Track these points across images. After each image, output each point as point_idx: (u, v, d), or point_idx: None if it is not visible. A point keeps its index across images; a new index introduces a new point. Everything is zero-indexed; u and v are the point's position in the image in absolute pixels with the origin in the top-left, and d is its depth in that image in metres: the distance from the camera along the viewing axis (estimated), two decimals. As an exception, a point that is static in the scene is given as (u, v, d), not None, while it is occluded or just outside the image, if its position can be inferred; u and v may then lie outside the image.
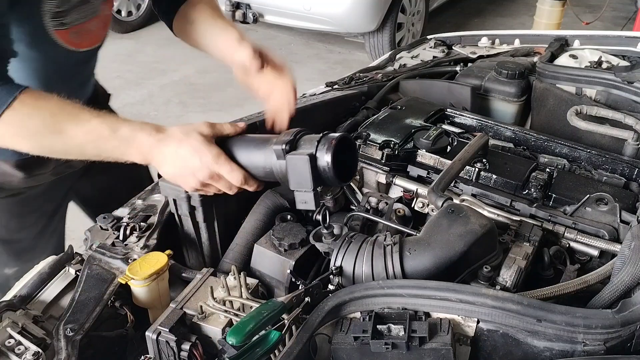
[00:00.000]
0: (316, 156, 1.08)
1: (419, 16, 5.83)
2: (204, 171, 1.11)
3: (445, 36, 2.56)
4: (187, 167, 1.11)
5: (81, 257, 1.29)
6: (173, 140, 1.12)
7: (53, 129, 1.11)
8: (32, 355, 1.05)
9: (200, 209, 1.29)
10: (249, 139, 1.18)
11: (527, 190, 1.38)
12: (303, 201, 1.11)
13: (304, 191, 1.10)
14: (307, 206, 1.11)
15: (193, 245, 1.37)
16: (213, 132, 1.14)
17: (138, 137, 1.11)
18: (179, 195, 1.28)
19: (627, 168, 1.50)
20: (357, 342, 1.00)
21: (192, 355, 1.04)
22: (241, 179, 1.13)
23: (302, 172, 1.08)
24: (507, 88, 1.98)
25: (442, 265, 1.07)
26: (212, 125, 1.15)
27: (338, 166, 1.08)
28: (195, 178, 1.12)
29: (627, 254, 1.02)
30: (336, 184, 1.13)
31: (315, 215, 1.43)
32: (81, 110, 1.12)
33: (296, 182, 1.10)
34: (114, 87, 5.90)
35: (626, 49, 2.21)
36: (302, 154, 1.08)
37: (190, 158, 1.10)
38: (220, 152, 1.12)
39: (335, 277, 1.12)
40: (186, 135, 1.11)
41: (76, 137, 1.11)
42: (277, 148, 1.09)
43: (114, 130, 1.11)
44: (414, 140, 1.51)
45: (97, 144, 1.12)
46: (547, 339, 0.96)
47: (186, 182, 1.15)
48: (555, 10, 5.14)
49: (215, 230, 1.35)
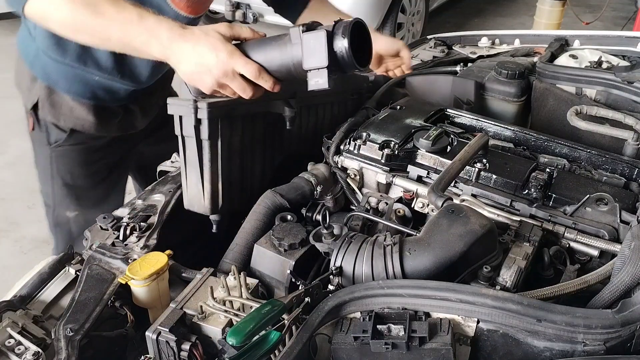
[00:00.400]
0: (333, 34, 1.10)
1: (419, 16, 5.83)
2: (219, 67, 1.14)
3: (445, 36, 2.56)
4: (203, 65, 1.15)
5: (81, 257, 1.30)
6: (192, 36, 1.16)
7: (88, 0, 1.17)
8: (32, 355, 1.05)
9: (206, 123, 1.28)
10: (264, 39, 1.21)
11: (527, 190, 1.38)
12: (316, 81, 1.12)
13: (317, 69, 1.11)
14: (320, 85, 1.12)
15: (193, 171, 1.35)
16: (231, 32, 1.18)
17: (161, 28, 1.17)
18: (186, 109, 1.28)
19: (627, 168, 1.50)
20: (357, 342, 1.00)
21: (192, 355, 1.04)
22: (256, 71, 1.16)
23: (318, 48, 1.10)
24: (507, 88, 1.98)
25: (442, 265, 1.07)
26: (230, 26, 1.19)
27: (354, 51, 1.10)
28: (212, 76, 1.16)
29: (627, 254, 1.02)
30: (353, 66, 1.13)
31: (315, 215, 1.44)
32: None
33: (311, 60, 1.11)
34: (114, 87, 5.80)
35: (626, 49, 2.21)
36: (319, 30, 1.11)
37: (207, 54, 1.14)
38: (235, 49, 1.16)
39: (335, 277, 1.12)
40: (205, 33, 1.16)
41: (107, 14, 1.17)
42: (294, 30, 1.12)
43: (141, 18, 1.16)
44: (414, 140, 1.51)
45: (124, 27, 1.17)
46: (547, 339, 0.96)
47: (203, 81, 1.18)
48: (555, 10, 5.14)
49: (217, 152, 1.35)
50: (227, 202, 1.41)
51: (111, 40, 1.21)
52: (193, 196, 1.39)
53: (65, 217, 1.78)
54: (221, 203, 1.40)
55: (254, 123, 1.45)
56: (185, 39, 1.16)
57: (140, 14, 1.17)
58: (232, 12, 5.50)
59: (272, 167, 1.58)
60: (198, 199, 1.39)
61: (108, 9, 1.17)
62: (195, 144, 1.32)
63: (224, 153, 1.36)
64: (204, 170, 1.35)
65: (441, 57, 2.34)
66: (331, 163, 1.55)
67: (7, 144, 4.46)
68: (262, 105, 1.41)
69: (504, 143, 1.64)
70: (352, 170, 1.54)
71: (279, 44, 1.17)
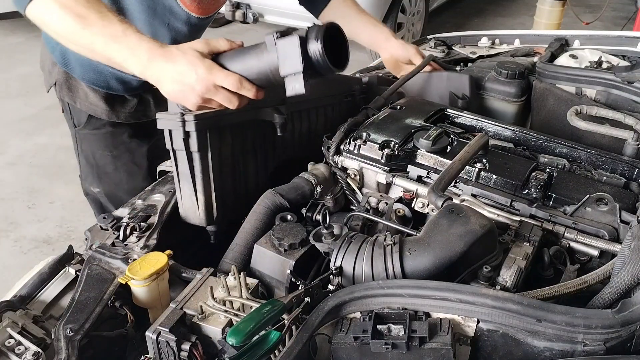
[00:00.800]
0: (307, 39, 1.11)
1: (419, 16, 5.83)
2: (200, 84, 1.16)
3: (445, 36, 2.56)
4: (185, 83, 1.17)
5: (81, 257, 1.30)
6: (171, 55, 1.18)
7: (80, 11, 1.20)
8: (32, 355, 1.05)
9: (194, 135, 1.29)
10: (241, 49, 1.22)
11: (527, 190, 1.38)
12: (293, 87, 1.13)
13: (294, 75, 1.12)
14: (297, 90, 1.13)
15: (186, 183, 1.36)
16: (209, 48, 1.21)
17: (141, 47, 1.19)
18: (174, 123, 1.28)
19: (627, 168, 1.50)
20: (357, 342, 1.00)
21: (192, 355, 1.04)
22: (236, 82, 1.18)
23: (292, 54, 1.11)
24: (507, 88, 1.98)
25: (442, 265, 1.07)
26: (207, 42, 1.22)
27: (329, 54, 1.11)
28: (195, 93, 1.18)
29: (627, 254, 1.02)
30: (328, 69, 1.14)
31: (315, 215, 1.44)
32: (111, 12, 1.23)
33: (286, 66, 1.12)
34: (114, 87, 5.78)
35: (626, 49, 2.21)
36: (292, 36, 1.12)
37: (187, 72, 1.17)
38: (212, 63, 1.18)
39: (335, 277, 1.12)
40: (183, 52, 1.18)
41: (94, 27, 1.20)
42: (269, 37, 1.13)
43: (125, 35, 1.19)
44: (414, 140, 1.51)
45: (107, 42, 1.20)
46: (547, 339, 0.96)
47: (187, 99, 1.20)
48: (555, 10, 5.15)
49: (208, 164, 1.35)
50: (222, 213, 1.42)
51: (96, 52, 1.24)
52: (188, 208, 1.40)
53: (92, 191, 1.93)
54: (216, 214, 1.41)
55: (244, 132, 1.45)
56: (165, 58, 1.18)
57: (125, 31, 1.20)
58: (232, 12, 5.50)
59: (267, 174, 1.58)
60: (193, 211, 1.39)
61: (96, 22, 1.20)
62: (186, 157, 1.32)
63: (215, 164, 1.36)
64: (197, 182, 1.36)
65: (441, 57, 2.34)
66: (331, 163, 1.55)
67: (7, 144, 4.47)
68: (251, 114, 1.42)
69: (504, 143, 1.63)
70: (352, 170, 1.54)
71: (256, 52, 1.18)
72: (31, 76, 5.59)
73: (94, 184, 1.90)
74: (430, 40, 2.49)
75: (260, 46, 1.18)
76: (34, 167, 4.19)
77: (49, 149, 4.39)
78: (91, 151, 1.84)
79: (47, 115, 4.90)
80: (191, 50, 1.18)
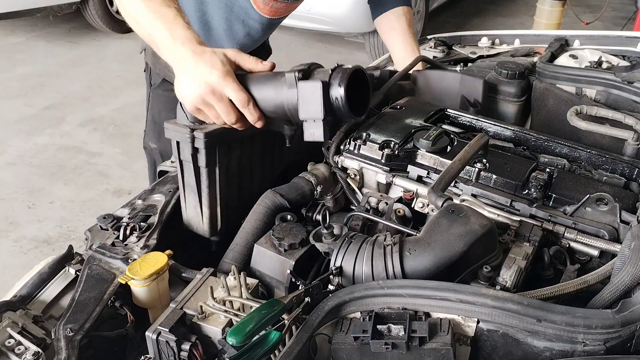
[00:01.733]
0: (330, 83, 1.07)
1: (419, 16, 5.83)
2: (209, 83, 1.16)
3: (445, 36, 2.56)
4: (196, 77, 1.17)
5: (81, 257, 1.30)
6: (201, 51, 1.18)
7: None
8: (32, 355, 1.05)
9: (203, 152, 1.27)
10: (262, 74, 1.19)
11: (527, 190, 1.38)
12: (311, 133, 1.10)
13: (313, 121, 1.08)
14: (315, 137, 1.10)
15: (192, 194, 1.35)
16: (236, 59, 1.22)
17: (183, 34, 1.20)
18: (183, 136, 1.27)
19: (627, 168, 1.50)
20: (357, 342, 1.00)
21: (192, 355, 1.04)
22: (245, 100, 1.17)
23: (313, 99, 1.07)
24: (507, 88, 1.98)
25: (442, 265, 1.07)
26: (238, 53, 1.23)
27: (351, 100, 1.07)
28: (199, 88, 1.16)
29: (627, 254, 1.02)
30: (348, 116, 1.11)
31: (315, 215, 1.44)
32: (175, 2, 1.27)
33: (306, 111, 1.08)
34: (114, 87, 5.93)
35: (626, 49, 2.21)
36: (315, 81, 1.07)
37: (204, 68, 1.16)
38: (231, 72, 1.18)
39: (335, 277, 1.12)
40: (212, 52, 1.19)
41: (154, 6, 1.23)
42: (290, 75, 1.09)
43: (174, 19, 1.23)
44: (414, 140, 1.51)
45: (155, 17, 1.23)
46: (547, 339, 0.96)
47: (189, 94, 1.18)
48: (555, 10, 5.15)
49: (215, 179, 1.34)
50: (226, 224, 1.42)
51: (141, 25, 1.27)
52: (191, 218, 1.40)
53: (150, 146, 2.12)
54: (220, 225, 1.41)
55: (252, 143, 1.45)
56: (194, 51, 1.18)
57: (175, 17, 1.23)
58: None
59: (272, 180, 1.57)
60: (197, 221, 1.39)
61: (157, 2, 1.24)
62: (193, 170, 1.32)
63: (222, 178, 1.36)
64: (202, 196, 1.36)
65: (441, 57, 2.34)
66: (331, 163, 1.55)
67: (7, 143, 4.47)
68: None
69: (504, 143, 1.63)
70: (352, 170, 1.54)
71: (275, 84, 1.15)
72: (31, 76, 5.61)
73: (153, 139, 2.08)
74: (430, 40, 2.49)
75: (280, 78, 1.14)
76: (34, 167, 4.20)
77: (49, 149, 4.40)
78: (158, 110, 2.03)
79: (47, 115, 4.91)
80: (221, 54, 1.19)
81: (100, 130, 4.72)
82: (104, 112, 5.00)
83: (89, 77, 5.64)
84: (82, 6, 6.20)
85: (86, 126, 4.77)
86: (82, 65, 5.92)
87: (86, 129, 4.73)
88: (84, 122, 4.83)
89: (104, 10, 6.32)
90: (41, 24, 6.77)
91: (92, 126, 4.77)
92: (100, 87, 5.44)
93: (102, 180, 4.04)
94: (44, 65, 5.87)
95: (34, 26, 6.75)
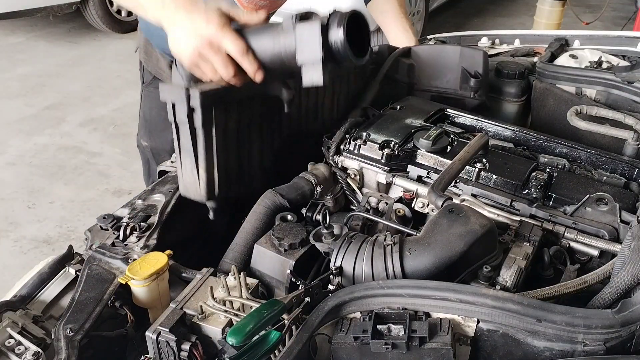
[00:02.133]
0: (328, 26, 1.05)
1: (419, 16, 5.83)
2: (206, 35, 1.13)
3: (445, 36, 2.55)
4: (191, 30, 1.14)
5: (81, 257, 1.29)
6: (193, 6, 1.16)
7: None
8: (32, 355, 1.05)
9: (199, 111, 1.23)
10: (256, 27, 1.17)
11: (527, 190, 1.38)
12: (310, 77, 1.07)
13: (312, 64, 1.06)
14: (315, 81, 1.07)
15: (188, 157, 1.32)
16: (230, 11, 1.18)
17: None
18: (178, 96, 1.23)
19: (627, 168, 1.50)
20: (357, 342, 1.00)
21: (192, 355, 1.04)
22: (242, 48, 1.14)
23: (312, 40, 1.04)
24: (507, 88, 1.98)
25: (442, 265, 1.07)
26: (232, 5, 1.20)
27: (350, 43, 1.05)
28: (196, 40, 1.14)
29: (627, 254, 1.02)
30: (349, 58, 1.09)
31: (315, 215, 1.43)
32: None
33: (304, 53, 1.06)
34: (114, 87, 5.92)
35: (626, 49, 2.21)
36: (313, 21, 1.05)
37: (199, 21, 1.14)
38: (228, 23, 1.15)
39: (335, 277, 1.12)
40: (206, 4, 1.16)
41: None
42: (287, 19, 1.07)
43: None
44: (414, 140, 1.51)
45: None
46: (547, 339, 0.96)
47: (186, 44, 1.16)
48: (555, 10, 5.14)
49: (212, 141, 1.31)
50: (224, 189, 1.37)
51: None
52: (188, 183, 1.35)
53: (142, 144, 2.13)
54: (217, 190, 1.36)
55: (251, 107, 1.41)
56: (185, 7, 1.16)
57: None
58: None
59: (272, 151, 1.54)
60: (194, 186, 1.35)
61: None
62: (189, 131, 1.27)
63: (219, 139, 1.32)
64: (199, 158, 1.31)
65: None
66: (331, 163, 1.55)
67: (7, 143, 4.47)
68: (259, 88, 1.34)
69: (504, 143, 1.63)
70: (352, 170, 1.54)
71: (272, 32, 1.12)
72: (31, 76, 5.60)
73: (144, 137, 2.10)
74: (430, 40, 2.49)
75: (276, 27, 1.12)
76: (34, 167, 4.19)
77: (49, 149, 4.39)
78: (149, 107, 2.05)
79: (47, 115, 4.90)
80: (215, 6, 1.16)
81: (100, 130, 4.72)
82: (104, 112, 4.99)
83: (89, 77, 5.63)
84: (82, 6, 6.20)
85: (86, 126, 4.77)
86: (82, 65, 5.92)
87: (86, 129, 4.72)
88: (84, 122, 4.83)
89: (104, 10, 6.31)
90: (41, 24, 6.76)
91: (92, 126, 4.77)
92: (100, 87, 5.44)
93: (102, 180, 4.03)
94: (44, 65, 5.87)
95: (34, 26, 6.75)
